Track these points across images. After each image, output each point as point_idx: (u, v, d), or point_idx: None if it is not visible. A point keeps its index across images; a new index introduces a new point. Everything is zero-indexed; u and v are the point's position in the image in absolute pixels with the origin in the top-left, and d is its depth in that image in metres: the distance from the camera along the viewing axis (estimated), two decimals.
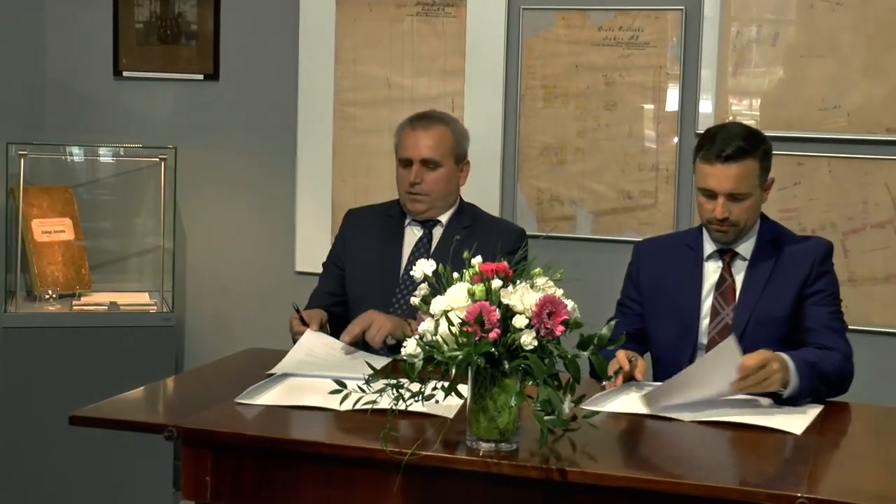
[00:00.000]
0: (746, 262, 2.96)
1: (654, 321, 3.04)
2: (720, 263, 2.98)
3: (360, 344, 3.03)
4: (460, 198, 3.38)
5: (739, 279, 2.96)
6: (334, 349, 2.99)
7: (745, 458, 2.34)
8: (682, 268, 3.00)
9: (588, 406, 2.43)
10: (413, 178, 3.25)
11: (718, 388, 2.57)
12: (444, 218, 3.32)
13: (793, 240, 3.01)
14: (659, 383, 2.70)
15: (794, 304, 2.91)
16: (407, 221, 3.34)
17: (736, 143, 2.83)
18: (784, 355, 2.65)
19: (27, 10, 4.44)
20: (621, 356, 2.77)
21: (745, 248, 2.97)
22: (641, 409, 2.55)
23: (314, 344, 2.99)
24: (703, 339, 2.95)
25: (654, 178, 3.97)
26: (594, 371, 2.74)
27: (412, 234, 3.33)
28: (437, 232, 3.31)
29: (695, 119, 3.90)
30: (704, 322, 2.96)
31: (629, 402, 2.62)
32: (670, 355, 2.98)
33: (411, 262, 3.25)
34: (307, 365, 2.84)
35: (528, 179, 4.10)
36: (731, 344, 2.53)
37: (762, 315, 2.90)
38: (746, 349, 2.66)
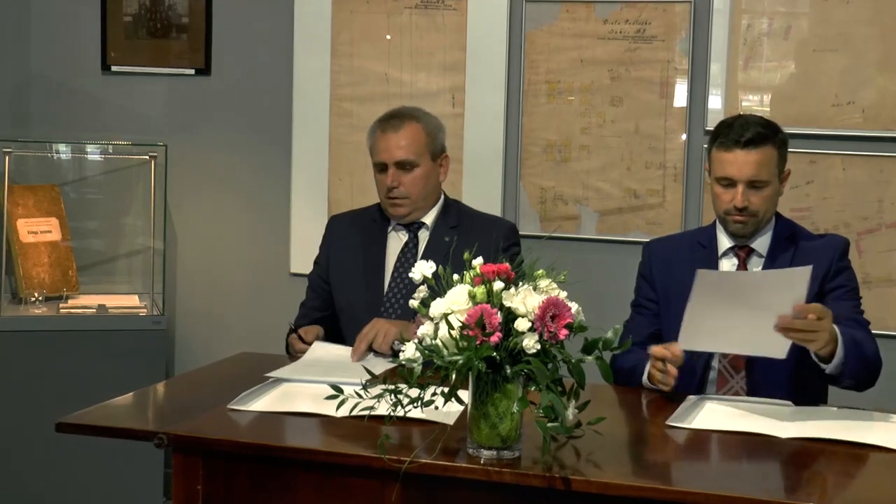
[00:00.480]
0: (763, 259, 2.93)
1: (668, 322, 2.99)
2: (735, 260, 2.96)
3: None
4: (444, 194, 3.31)
5: None
6: (343, 355, 2.97)
7: (755, 466, 2.30)
8: (696, 266, 2.95)
9: (674, 423, 2.44)
10: (390, 182, 3.19)
11: (769, 312, 2.49)
12: (428, 219, 3.26)
13: (809, 237, 3.00)
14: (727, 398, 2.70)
15: (814, 301, 2.83)
16: (391, 227, 3.28)
17: (755, 129, 2.84)
18: (834, 326, 2.61)
19: (12, 2, 4.41)
20: (656, 350, 2.71)
21: (761, 244, 2.94)
22: (729, 426, 2.45)
23: (321, 354, 2.99)
24: None
25: (662, 177, 3.92)
26: (624, 378, 2.79)
27: (397, 239, 3.27)
28: (424, 235, 3.26)
29: (704, 115, 3.87)
30: None
31: (715, 417, 2.53)
32: (685, 357, 2.90)
33: (398, 269, 3.22)
34: (310, 369, 2.82)
35: (531, 178, 4.05)
36: (804, 274, 2.51)
37: None
38: None
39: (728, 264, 2.94)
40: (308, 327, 3.12)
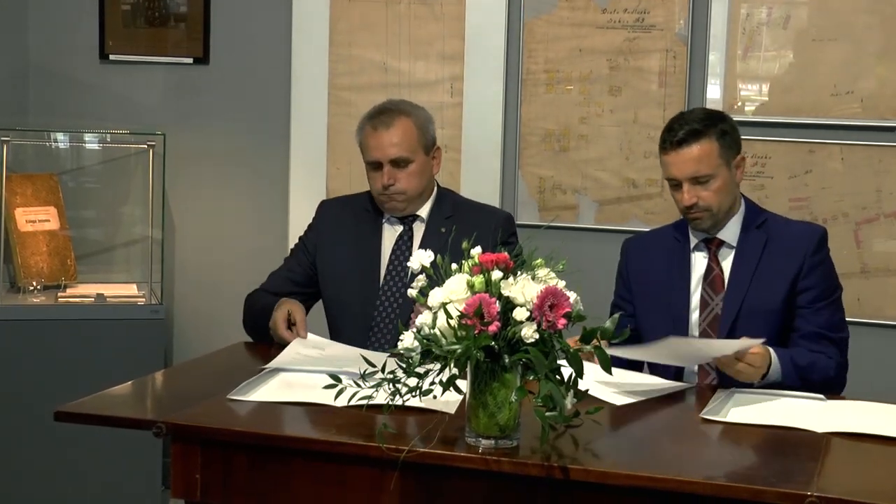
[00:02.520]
0: (733, 251, 2.92)
1: (645, 317, 3.00)
2: (706, 253, 2.95)
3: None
4: (437, 184, 3.27)
5: (727, 267, 2.92)
6: (324, 349, 2.95)
7: (753, 455, 2.30)
8: (671, 261, 3.00)
9: (707, 415, 2.42)
10: (386, 180, 3.15)
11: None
12: (423, 212, 3.23)
13: (782, 225, 2.96)
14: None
15: (787, 299, 2.86)
16: (385, 218, 3.25)
17: (688, 127, 2.85)
18: (771, 350, 2.67)
19: None
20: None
21: (730, 234, 2.93)
22: (766, 420, 2.43)
23: (302, 347, 2.95)
24: (695, 332, 2.92)
25: (660, 166, 3.86)
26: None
27: (392, 231, 3.24)
28: (419, 227, 3.23)
29: (702, 104, 3.83)
30: (694, 315, 2.93)
31: (746, 410, 2.51)
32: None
33: (392, 262, 3.19)
34: (304, 359, 2.80)
35: (530, 167, 4.04)
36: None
37: (752, 307, 2.86)
38: None
39: (700, 257, 2.94)
40: (293, 305, 3.04)
